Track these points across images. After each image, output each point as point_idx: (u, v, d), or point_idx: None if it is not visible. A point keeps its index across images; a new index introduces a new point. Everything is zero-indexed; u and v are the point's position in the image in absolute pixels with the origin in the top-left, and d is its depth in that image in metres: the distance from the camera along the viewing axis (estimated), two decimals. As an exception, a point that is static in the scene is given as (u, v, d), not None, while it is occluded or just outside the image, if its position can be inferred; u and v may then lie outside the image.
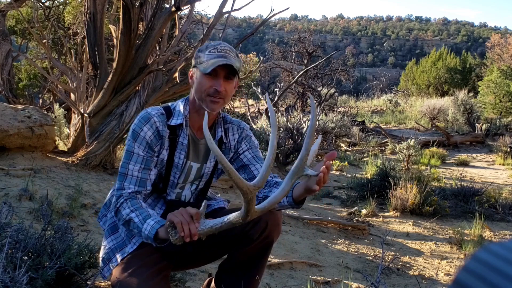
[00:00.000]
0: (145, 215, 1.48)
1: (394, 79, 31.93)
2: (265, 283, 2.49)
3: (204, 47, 1.60)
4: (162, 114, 1.61)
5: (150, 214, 1.50)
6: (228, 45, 1.62)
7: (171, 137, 1.62)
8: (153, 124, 1.58)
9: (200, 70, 1.56)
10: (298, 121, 8.26)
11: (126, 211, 1.51)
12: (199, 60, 1.57)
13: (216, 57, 1.53)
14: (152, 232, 1.43)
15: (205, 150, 1.70)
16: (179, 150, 1.64)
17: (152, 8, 4.43)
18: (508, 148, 9.92)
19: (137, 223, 1.47)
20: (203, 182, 1.76)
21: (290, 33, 46.51)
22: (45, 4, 9.61)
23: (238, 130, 1.76)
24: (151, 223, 1.45)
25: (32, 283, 1.55)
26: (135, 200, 1.54)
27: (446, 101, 14.64)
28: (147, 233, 1.44)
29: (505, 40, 23.00)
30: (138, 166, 1.57)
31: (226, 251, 1.72)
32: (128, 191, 1.55)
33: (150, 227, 1.44)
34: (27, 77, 10.68)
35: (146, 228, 1.45)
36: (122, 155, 1.60)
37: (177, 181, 1.69)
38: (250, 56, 19.10)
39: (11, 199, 2.87)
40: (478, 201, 5.01)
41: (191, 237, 1.34)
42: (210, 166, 1.73)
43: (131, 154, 1.57)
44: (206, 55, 1.55)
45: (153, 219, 1.47)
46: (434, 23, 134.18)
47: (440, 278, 2.97)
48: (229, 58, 1.54)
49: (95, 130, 4.41)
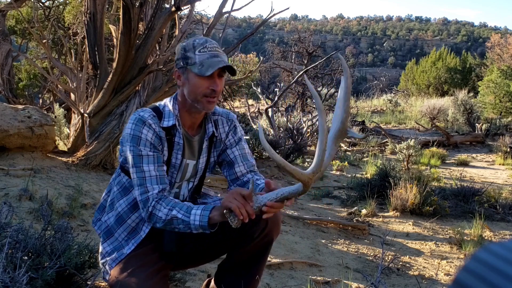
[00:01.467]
0: (186, 208, 1.49)
1: (394, 79, 31.91)
2: (265, 283, 2.49)
3: (190, 45, 1.55)
4: (154, 116, 1.59)
5: (190, 205, 1.51)
6: (213, 41, 1.60)
7: (167, 137, 1.61)
8: (151, 126, 1.56)
9: (193, 71, 1.52)
10: (298, 121, 8.26)
11: (164, 211, 1.49)
12: (190, 61, 1.53)
13: (210, 57, 1.51)
14: (204, 220, 1.45)
15: (198, 146, 1.70)
16: (176, 150, 1.63)
17: (152, 8, 4.43)
18: (508, 148, 9.91)
19: (182, 217, 1.47)
20: (197, 179, 1.76)
21: (290, 33, 46.50)
22: (45, 4, 9.61)
23: (227, 122, 1.76)
24: (198, 212, 1.47)
25: (32, 283, 1.55)
26: (167, 199, 1.53)
27: (446, 101, 14.63)
28: (199, 223, 1.46)
29: (505, 40, 22.99)
30: (153, 165, 1.54)
31: (226, 250, 1.72)
32: (155, 192, 1.52)
33: (199, 216, 1.46)
34: (27, 77, 10.68)
35: (195, 219, 1.46)
36: (130, 162, 1.55)
37: (174, 181, 1.69)
38: (250, 56, 19.09)
39: (11, 199, 2.87)
40: (478, 201, 5.01)
41: (250, 217, 1.40)
42: (203, 162, 1.73)
43: (141, 157, 1.54)
44: (198, 55, 1.52)
45: (197, 209, 1.48)
46: (434, 23, 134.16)
47: (440, 278, 2.97)
48: (222, 57, 1.53)
49: (95, 130, 4.41)
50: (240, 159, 1.74)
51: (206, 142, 1.71)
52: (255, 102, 16.74)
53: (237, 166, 1.73)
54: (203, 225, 1.45)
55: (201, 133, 1.70)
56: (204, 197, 1.84)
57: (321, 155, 1.30)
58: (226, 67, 1.53)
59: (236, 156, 1.74)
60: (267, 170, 6.46)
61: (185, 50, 1.56)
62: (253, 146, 6.91)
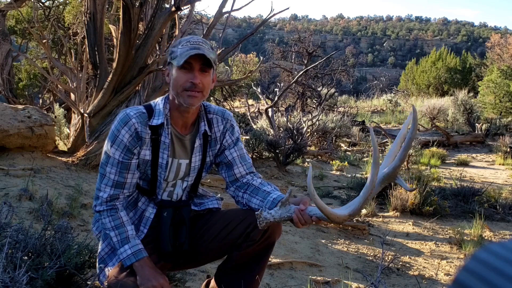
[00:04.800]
0: (124, 237, 1.56)
1: (394, 79, 31.91)
2: (265, 283, 2.49)
3: (177, 42, 1.58)
4: (143, 113, 1.58)
5: (129, 236, 1.57)
6: (201, 38, 1.60)
7: (153, 137, 1.59)
8: (132, 126, 1.55)
9: (174, 64, 1.53)
10: (298, 121, 8.26)
11: (107, 226, 1.58)
12: (173, 55, 1.54)
13: (189, 49, 1.50)
14: (127, 262, 1.53)
15: (190, 145, 1.68)
16: (161, 149, 1.62)
17: (152, 8, 4.43)
18: (508, 148, 9.91)
19: (116, 243, 1.56)
20: (192, 178, 1.73)
21: (290, 33, 46.52)
22: (45, 4, 9.61)
23: (222, 121, 1.73)
24: (128, 252, 1.54)
25: (32, 283, 1.55)
26: (116, 214, 1.59)
27: (446, 101, 14.62)
28: (122, 258, 1.54)
29: (505, 40, 22.98)
30: (115, 169, 1.57)
31: (227, 252, 1.71)
32: (104, 195, 1.58)
33: (126, 255, 1.54)
34: (27, 77, 10.68)
35: (123, 253, 1.54)
36: (102, 156, 1.61)
37: (164, 180, 1.67)
38: (250, 56, 19.11)
39: (11, 199, 2.87)
40: (478, 201, 5.01)
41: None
42: (197, 161, 1.70)
43: (109, 157, 1.58)
44: (179, 49, 1.53)
45: (130, 246, 1.55)
46: (434, 23, 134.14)
47: (440, 278, 2.97)
48: (202, 49, 1.51)
49: (95, 130, 4.41)
50: (239, 160, 1.73)
51: (199, 141, 1.68)
52: (255, 102, 16.75)
53: (236, 167, 1.72)
54: (124, 263, 1.55)
55: (193, 132, 1.68)
56: (202, 197, 1.83)
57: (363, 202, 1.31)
58: (206, 61, 1.51)
59: (235, 158, 1.73)
60: (267, 170, 6.46)
61: (172, 46, 1.59)
62: (253, 146, 6.91)
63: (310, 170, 1.39)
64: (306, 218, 1.47)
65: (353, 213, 1.34)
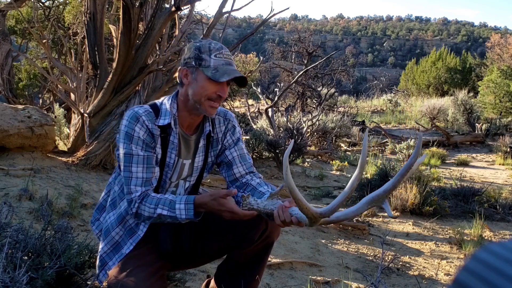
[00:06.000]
0: (169, 203, 1.53)
1: (394, 79, 31.91)
2: (265, 283, 2.49)
3: (205, 47, 1.55)
4: (150, 113, 1.59)
5: (172, 199, 1.54)
6: (225, 47, 1.61)
7: (162, 135, 1.60)
8: (143, 123, 1.56)
9: (205, 74, 1.52)
10: (298, 121, 8.26)
11: (150, 211, 1.54)
12: (204, 63, 1.53)
13: (225, 64, 1.53)
14: (190, 213, 1.51)
15: (194, 145, 1.69)
16: (170, 149, 1.62)
17: (152, 8, 4.42)
18: (508, 148, 9.91)
19: (168, 214, 1.52)
20: (194, 178, 1.75)
21: (290, 33, 46.48)
22: (45, 4, 9.61)
23: (224, 121, 1.76)
24: (182, 206, 1.51)
25: (32, 283, 1.55)
26: (150, 197, 1.55)
27: (446, 101, 14.63)
28: (185, 216, 1.51)
29: (505, 40, 22.99)
30: (141, 167, 1.56)
31: (226, 252, 1.72)
32: (137, 194, 1.55)
33: (184, 210, 1.51)
34: (27, 77, 10.68)
35: (181, 213, 1.51)
36: (121, 159, 1.57)
37: (169, 180, 1.68)
38: (250, 56, 19.12)
39: (11, 199, 2.87)
40: (478, 201, 5.01)
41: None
42: (199, 161, 1.72)
43: (131, 157, 1.55)
44: (213, 59, 1.53)
45: (180, 202, 1.52)
46: (434, 23, 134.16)
47: (440, 278, 2.97)
48: (234, 67, 1.56)
49: (95, 130, 4.41)
50: (239, 160, 1.74)
51: (203, 141, 1.70)
52: (255, 102, 16.75)
53: (235, 167, 1.73)
54: (189, 217, 1.51)
55: (198, 132, 1.70)
56: None
57: (338, 204, 1.30)
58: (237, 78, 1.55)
59: (235, 157, 1.74)
60: (267, 170, 6.46)
61: (199, 51, 1.54)
62: (253, 146, 6.91)
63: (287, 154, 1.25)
64: (286, 215, 1.44)
65: (324, 213, 1.33)
